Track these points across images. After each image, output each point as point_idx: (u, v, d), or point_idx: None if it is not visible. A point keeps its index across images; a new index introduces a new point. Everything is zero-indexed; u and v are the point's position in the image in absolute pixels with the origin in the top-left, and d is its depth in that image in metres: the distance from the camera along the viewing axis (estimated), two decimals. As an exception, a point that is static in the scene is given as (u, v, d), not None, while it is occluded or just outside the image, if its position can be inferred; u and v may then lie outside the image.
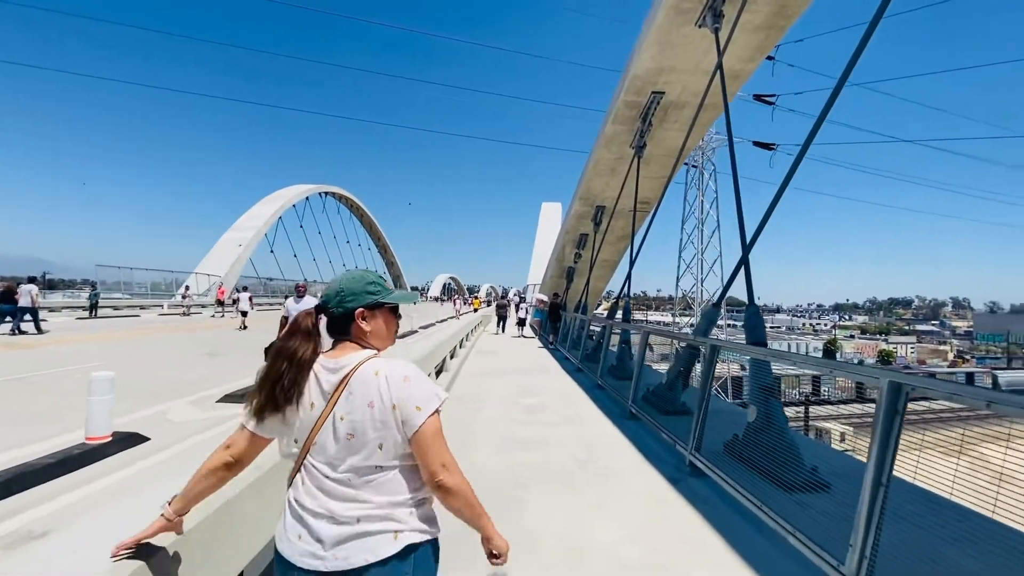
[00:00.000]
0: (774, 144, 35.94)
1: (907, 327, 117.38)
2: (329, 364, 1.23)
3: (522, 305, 18.17)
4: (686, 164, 39.70)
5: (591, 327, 11.11)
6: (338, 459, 1.16)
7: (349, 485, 1.15)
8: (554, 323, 14.57)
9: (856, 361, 59.83)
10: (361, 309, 1.27)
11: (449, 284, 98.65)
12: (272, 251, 43.06)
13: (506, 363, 10.93)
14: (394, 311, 1.37)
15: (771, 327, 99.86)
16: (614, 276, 19.55)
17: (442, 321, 18.48)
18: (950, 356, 68.17)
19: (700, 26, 9.27)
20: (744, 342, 4.80)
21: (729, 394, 34.19)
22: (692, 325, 40.03)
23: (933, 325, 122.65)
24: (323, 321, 1.31)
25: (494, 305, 26.07)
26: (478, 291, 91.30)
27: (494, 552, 1.28)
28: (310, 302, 5.74)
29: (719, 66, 7.97)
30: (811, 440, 4.40)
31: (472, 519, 1.25)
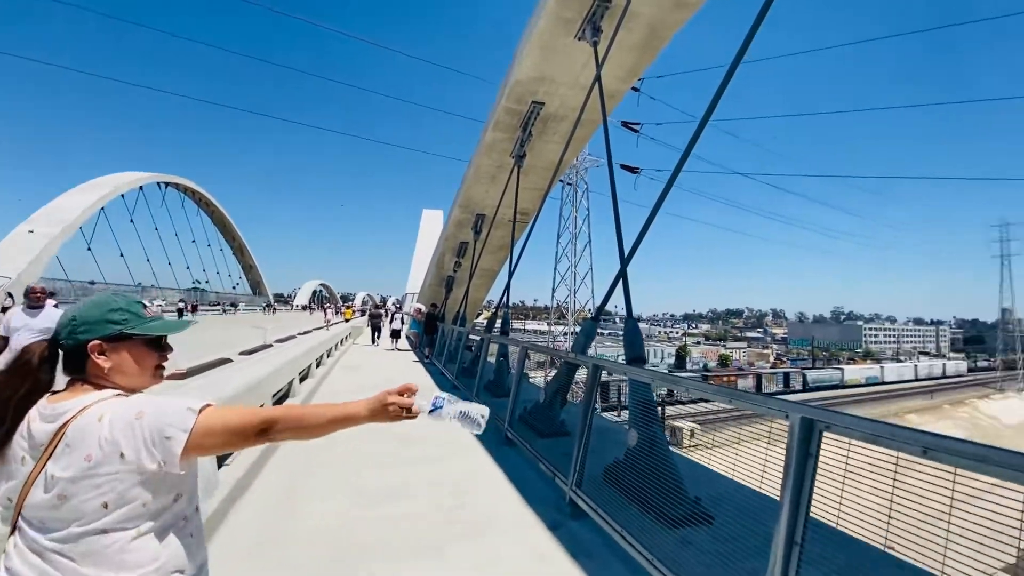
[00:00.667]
0: (638, 168, 39.30)
1: (739, 334, 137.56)
2: (47, 411, 1.02)
3: (397, 315, 16.97)
4: (561, 181, 41.60)
5: (469, 339, 10.52)
6: (52, 524, 0.96)
7: (65, 555, 0.94)
8: (430, 335, 13.70)
9: (702, 365, 67.80)
10: (97, 342, 1.08)
11: (320, 292, 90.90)
12: (89, 248, 35.86)
13: (373, 381, 9.81)
14: (153, 343, 1.16)
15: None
16: (494, 286, 19.33)
17: (305, 333, 16.54)
18: (771, 359, 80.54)
19: (579, 39, 9.30)
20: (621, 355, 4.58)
21: (596, 398, 35.96)
22: (566, 334, 41.77)
23: (758, 332, 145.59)
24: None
25: (367, 315, 24.32)
26: (353, 299, 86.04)
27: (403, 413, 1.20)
28: (52, 316, 4.12)
29: (597, 78, 7.96)
30: (689, 460, 4.25)
31: (337, 425, 1.16)
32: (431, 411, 1.27)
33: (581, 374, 5.09)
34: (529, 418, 5.85)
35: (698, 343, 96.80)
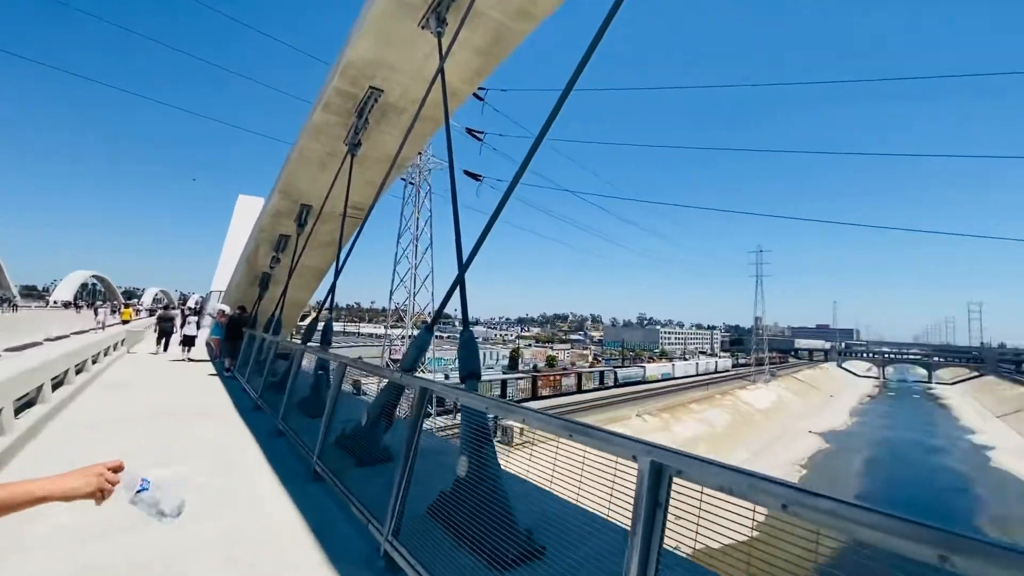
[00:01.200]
0: (481, 176, 40.07)
1: (564, 336, 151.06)
2: None
3: (191, 319, 14.05)
4: (403, 179, 40.30)
5: (283, 348, 9.03)
6: None
7: None
8: (233, 343, 11.57)
9: (532, 366, 72.16)
10: None
11: (93, 285, 72.61)
12: None
13: (145, 403, 7.73)
14: None
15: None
16: (322, 286, 17.46)
17: (58, 338, 12.76)
18: (590, 358, 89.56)
19: (423, 27, 8.72)
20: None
21: (433, 404, 35.20)
22: (403, 337, 40.34)
23: (580, 335, 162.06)
24: None
25: (156, 316, 20.07)
26: (140, 296, 70.99)
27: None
28: None
29: (440, 70, 7.48)
30: (519, 480, 3.93)
31: (17, 509, 1.02)
32: (138, 491, 1.17)
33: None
34: (348, 440, 5.03)
35: (529, 345, 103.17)
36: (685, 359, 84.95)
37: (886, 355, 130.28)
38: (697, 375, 70.77)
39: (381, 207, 10.89)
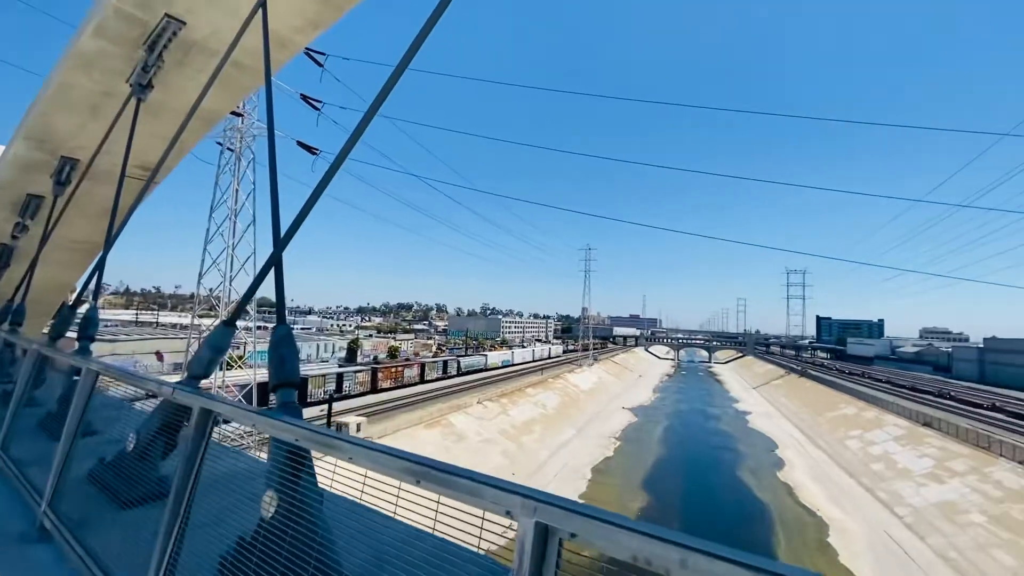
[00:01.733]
0: (318, 149, 36.32)
1: (408, 326, 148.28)
2: None
3: None
4: (220, 145, 34.56)
5: (18, 353, 6.65)
6: None
7: None
8: (-66, 340, 8.29)
9: (372, 357, 69.02)
10: None
11: None
12: None
13: None
14: None
15: (302, 328, 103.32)
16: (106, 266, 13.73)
17: None
18: (434, 348, 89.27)
19: (240, -50, 7.13)
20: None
21: (254, 401, 30.91)
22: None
23: (424, 325, 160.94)
24: None
25: None
26: None
27: None
28: None
29: (261, 5, 6.14)
30: (353, 503, 3.17)
31: None
32: None
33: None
34: (106, 473, 3.71)
35: (370, 336, 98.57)
36: (523, 346, 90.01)
37: (680, 340, 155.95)
38: (534, 361, 75.54)
39: (192, 174, 8.80)
